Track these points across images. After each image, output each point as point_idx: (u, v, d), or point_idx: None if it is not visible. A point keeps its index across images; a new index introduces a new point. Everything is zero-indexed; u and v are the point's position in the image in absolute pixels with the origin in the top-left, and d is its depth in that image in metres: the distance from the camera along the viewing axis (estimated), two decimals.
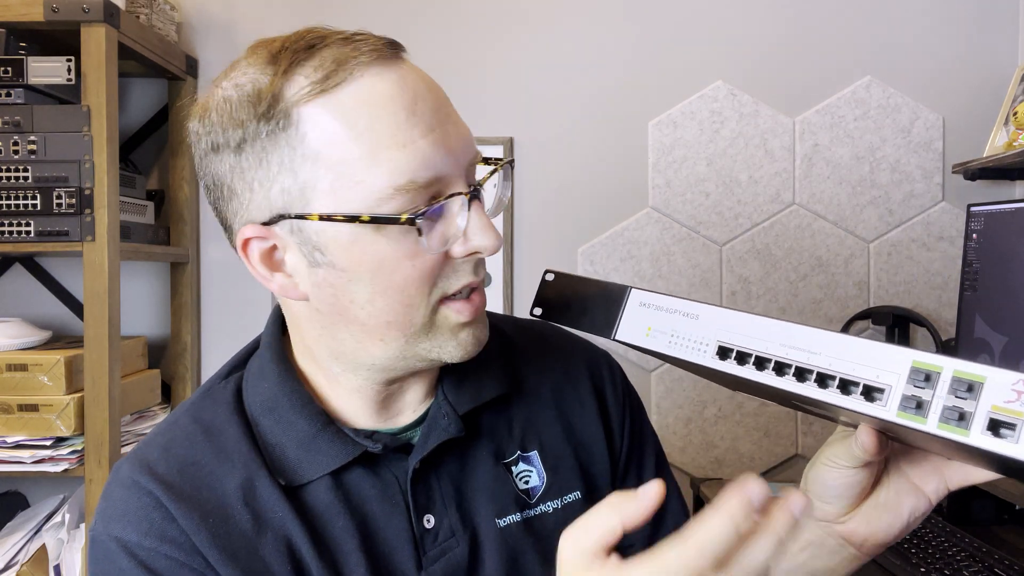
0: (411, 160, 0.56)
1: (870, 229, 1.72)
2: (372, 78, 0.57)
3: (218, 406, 0.66)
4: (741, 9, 1.73)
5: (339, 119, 0.56)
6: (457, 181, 0.59)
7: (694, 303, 0.55)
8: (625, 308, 0.58)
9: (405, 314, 0.60)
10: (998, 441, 0.40)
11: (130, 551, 0.58)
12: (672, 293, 0.57)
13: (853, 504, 0.57)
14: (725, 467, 1.73)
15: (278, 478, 0.62)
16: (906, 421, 0.44)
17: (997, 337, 1.34)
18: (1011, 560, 1.05)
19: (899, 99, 1.71)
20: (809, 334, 0.50)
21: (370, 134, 0.56)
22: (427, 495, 0.66)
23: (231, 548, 0.59)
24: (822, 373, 0.48)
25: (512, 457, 0.71)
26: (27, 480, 1.66)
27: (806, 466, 0.60)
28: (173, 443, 0.64)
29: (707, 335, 0.54)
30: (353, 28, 0.65)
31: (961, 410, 0.42)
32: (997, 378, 0.41)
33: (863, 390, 0.46)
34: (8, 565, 1.37)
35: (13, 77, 1.37)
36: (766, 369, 0.51)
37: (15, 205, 1.36)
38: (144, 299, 1.75)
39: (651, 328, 0.56)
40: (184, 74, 1.68)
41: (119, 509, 0.60)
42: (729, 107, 1.72)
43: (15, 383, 1.35)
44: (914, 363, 0.44)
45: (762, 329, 0.52)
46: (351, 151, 0.56)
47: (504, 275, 1.72)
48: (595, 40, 1.73)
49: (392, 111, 0.56)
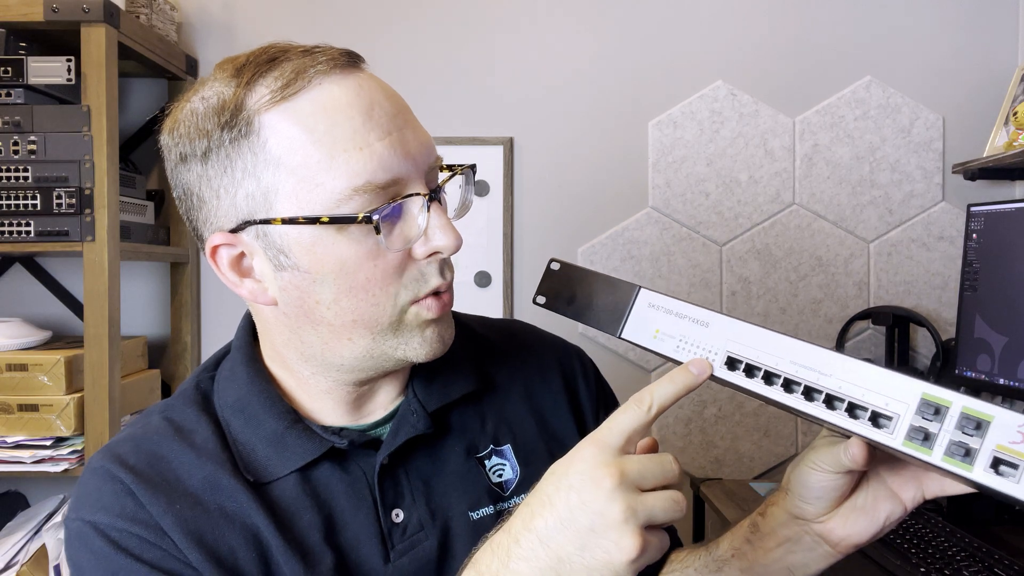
0: (368, 162, 0.58)
1: (870, 229, 1.72)
2: (330, 85, 0.59)
3: (188, 407, 0.68)
4: (741, 9, 1.73)
5: (298, 124, 0.58)
6: (416, 183, 0.61)
7: (705, 310, 0.55)
8: (633, 307, 0.58)
9: (370, 313, 0.62)
10: (1000, 479, 0.42)
11: (103, 532, 0.60)
12: (681, 298, 0.57)
13: (832, 506, 0.59)
14: (725, 467, 1.73)
15: (246, 475, 0.64)
16: (911, 451, 0.45)
17: (997, 337, 1.34)
18: (1011, 560, 1.05)
19: (899, 99, 1.71)
20: (820, 354, 0.50)
21: (328, 138, 0.58)
22: (395, 490, 0.67)
23: (197, 532, 0.61)
24: (831, 395, 0.49)
25: (485, 451, 0.72)
26: (27, 480, 1.66)
27: (790, 465, 0.62)
28: (144, 439, 0.66)
29: (717, 344, 0.53)
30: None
31: (967, 446, 0.43)
32: (1004, 419, 0.43)
33: (871, 415, 0.47)
34: (8, 565, 1.37)
35: (13, 77, 1.37)
36: (774, 384, 0.51)
37: (15, 205, 1.36)
38: (144, 299, 1.75)
39: (659, 331, 0.56)
40: (184, 74, 1.68)
41: (92, 496, 0.62)
42: (729, 107, 1.72)
43: (15, 383, 1.35)
44: (924, 395, 0.45)
45: (773, 344, 0.52)
46: (310, 155, 0.58)
47: (504, 275, 1.72)
48: (595, 40, 1.73)
49: (349, 116, 0.58)
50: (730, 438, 1.72)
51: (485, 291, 1.72)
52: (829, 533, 0.60)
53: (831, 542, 0.60)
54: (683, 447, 1.73)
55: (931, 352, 1.69)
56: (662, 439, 1.73)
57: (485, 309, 1.71)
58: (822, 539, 0.61)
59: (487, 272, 1.73)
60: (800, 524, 0.61)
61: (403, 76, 1.72)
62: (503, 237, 1.72)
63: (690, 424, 1.73)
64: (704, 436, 1.73)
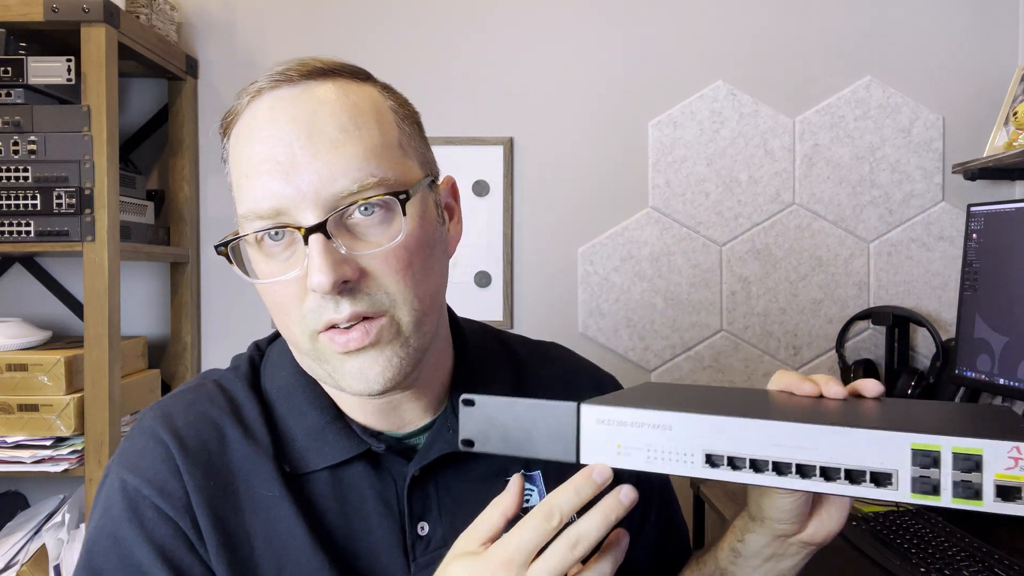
0: (252, 189, 0.60)
1: (870, 229, 1.72)
2: (253, 108, 0.61)
3: (239, 380, 0.70)
4: (741, 9, 1.73)
5: (232, 148, 0.63)
6: (302, 211, 0.58)
7: (660, 412, 0.51)
8: (580, 429, 0.53)
9: (290, 333, 0.63)
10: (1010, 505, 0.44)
11: (127, 494, 0.63)
12: (629, 404, 0.52)
13: (807, 517, 0.61)
14: None
15: (284, 464, 0.65)
16: (922, 501, 0.46)
17: (997, 337, 1.34)
18: (1011, 560, 1.05)
19: (899, 99, 1.71)
20: (799, 430, 0.49)
21: (237, 159, 0.62)
22: (423, 503, 0.67)
23: (221, 514, 0.62)
24: (824, 467, 0.48)
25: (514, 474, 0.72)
26: (27, 480, 1.66)
27: (752, 494, 0.62)
28: (198, 401, 0.68)
29: (688, 446, 0.50)
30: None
31: (973, 486, 0.45)
32: (994, 450, 0.45)
33: (870, 478, 0.47)
34: (8, 565, 1.37)
35: (13, 77, 1.37)
36: (764, 472, 0.49)
37: (15, 205, 1.36)
38: (144, 299, 1.75)
39: (620, 446, 0.52)
40: (184, 74, 1.68)
41: (133, 452, 0.65)
42: (729, 107, 1.72)
43: (15, 383, 1.35)
44: (913, 446, 0.46)
45: (745, 430, 0.50)
46: (232, 179, 0.63)
47: (504, 275, 1.72)
48: (595, 40, 1.73)
49: (251, 143, 0.60)
50: None
51: (485, 291, 1.72)
52: (812, 537, 0.61)
53: (815, 542, 0.62)
54: None
55: (931, 352, 1.69)
56: None
57: (485, 309, 1.72)
58: (806, 544, 0.62)
59: (487, 272, 1.73)
60: (783, 540, 0.63)
61: (403, 76, 1.72)
62: (503, 237, 1.72)
63: None
64: None
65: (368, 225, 0.59)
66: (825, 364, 1.73)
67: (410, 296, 0.61)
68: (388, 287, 0.60)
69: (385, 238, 0.60)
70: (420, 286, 0.61)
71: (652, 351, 1.73)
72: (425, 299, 0.62)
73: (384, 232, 0.60)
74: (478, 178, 1.73)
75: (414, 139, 0.66)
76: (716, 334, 1.73)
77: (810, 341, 1.73)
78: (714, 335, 1.73)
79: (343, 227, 0.59)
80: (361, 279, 0.59)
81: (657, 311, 1.73)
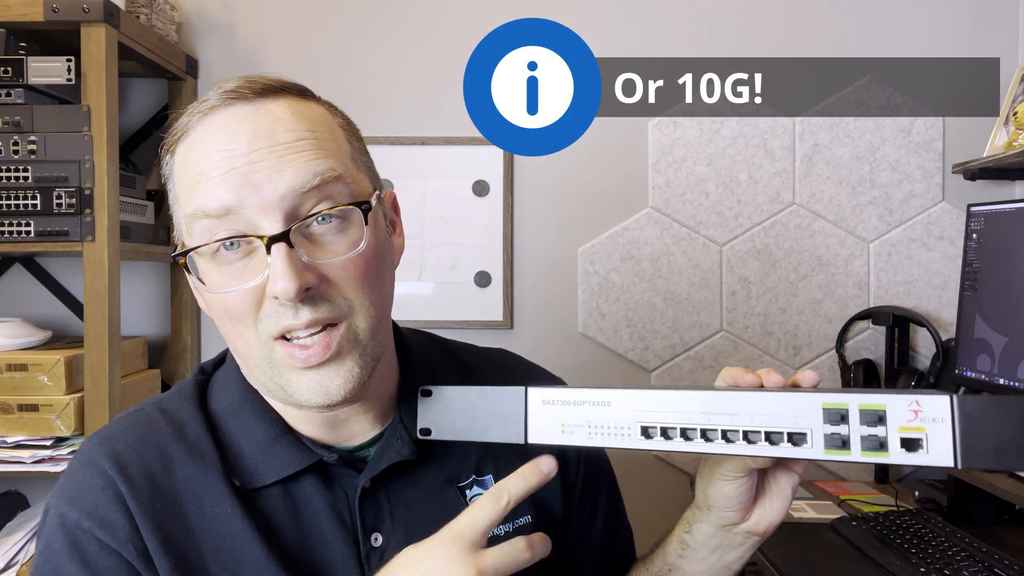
0: (202, 191, 0.60)
1: (870, 229, 1.72)
2: (208, 122, 0.62)
3: (184, 402, 0.69)
4: (741, 9, 1.73)
5: (180, 163, 0.63)
6: (262, 220, 0.59)
7: (599, 390, 0.56)
8: (528, 411, 0.58)
9: (242, 344, 0.62)
10: (914, 455, 0.48)
11: (67, 528, 0.61)
12: (569, 385, 0.57)
13: (750, 505, 0.64)
14: None
15: (233, 479, 0.64)
16: (834, 456, 0.50)
17: (997, 337, 1.34)
18: (1011, 560, 1.05)
19: (899, 99, 1.71)
20: (723, 397, 0.53)
21: (184, 174, 0.62)
22: (376, 513, 0.67)
23: (171, 537, 0.61)
24: (746, 431, 0.53)
25: (467, 481, 0.72)
26: (27, 480, 1.66)
27: (698, 483, 0.66)
28: (137, 424, 0.67)
29: (625, 419, 0.55)
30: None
31: (879, 438, 0.49)
32: (896, 403, 0.49)
33: (788, 438, 0.52)
34: (8, 565, 1.37)
35: (13, 77, 1.37)
36: (693, 439, 0.54)
37: (15, 205, 1.36)
38: (144, 299, 1.75)
39: (564, 424, 0.57)
40: (184, 74, 1.68)
41: (72, 485, 0.64)
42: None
43: (15, 383, 1.35)
44: (823, 405, 0.51)
45: (677, 402, 0.54)
46: (179, 190, 0.63)
47: (504, 275, 1.72)
48: (595, 40, 1.73)
49: (204, 154, 0.60)
50: None
51: (485, 291, 1.72)
52: (755, 527, 0.64)
53: (758, 532, 0.65)
54: None
55: (931, 352, 1.69)
56: None
57: (485, 309, 1.71)
58: (750, 534, 0.65)
59: (487, 272, 1.73)
60: (728, 530, 0.65)
61: (403, 75, 1.72)
62: (503, 237, 1.72)
63: None
64: None
65: (326, 233, 0.60)
66: (825, 364, 1.73)
67: (367, 303, 0.62)
68: (347, 293, 0.61)
69: (343, 246, 0.61)
70: (375, 294, 0.63)
71: (652, 351, 1.73)
72: (379, 307, 0.63)
73: (342, 240, 0.61)
74: (478, 178, 1.73)
75: (363, 154, 0.68)
76: (716, 334, 1.73)
77: (810, 341, 1.73)
78: (714, 335, 1.73)
79: (301, 235, 0.60)
80: (321, 285, 0.59)
81: (657, 311, 1.73)
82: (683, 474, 1.72)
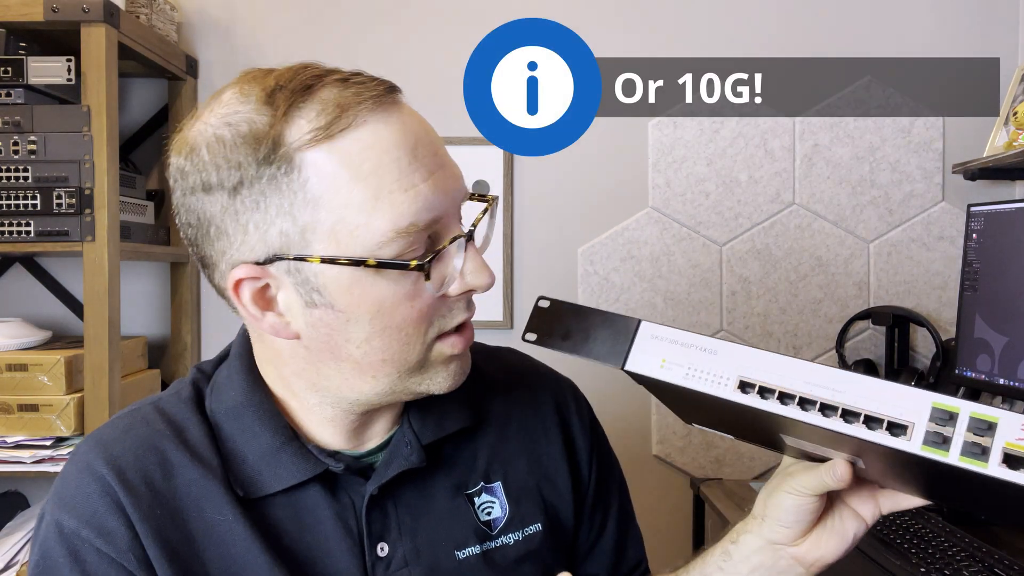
0: (413, 203, 0.57)
1: (870, 229, 1.72)
2: (375, 124, 0.57)
3: (182, 403, 0.66)
4: (741, 9, 1.73)
5: (343, 165, 0.56)
6: (453, 222, 0.61)
7: (709, 338, 0.57)
8: (635, 340, 0.58)
9: (401, 352, 0.61)
10: (1014, 472, 0.46)
11: (65, 537, 0.59)
12: (682, 328, 0.58)
13: (807, 529, 0.62)
14: (725, 467, 1.73)
15: (236, 488, 0.62)
16: (930, 454, 0.49)
17: (997, 337, 1.34)
18: (1011, 560, 1.05)
19: (899, 99, 1.71)
20: (829, 372, 0.53)
21: (374, 179, 0.56)
22: (382, 522, 0.65)
23: (172, 544, 0.59)
24: (847, 409, 0.52)
25: (475, 488, 0.71)
26: (27, 480, 1.66)
27: (761, 493, 0.65)
28: (135, 426, 0.64)
29: (727, 370, 0.55)
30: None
31: (982, 446, 0.47)
32: (1009, 419, 0.47)
33: (887, 426, 0.50)
34: (8, 565, 1.37)
35: (13, 77, 1.37)
36: (790, 404, 0.53)
37: (15, 205, 1.36)
38: (144, 299, 1.75)
39: (666, 360, 0.57)
40: (184, 74, 1.68)
41: (68, 491, 0.61)
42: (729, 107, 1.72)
43: (15, 383, 1.35)
44: (934, 404, 0.50)
45: (782, 366, 0.54)
46: (354, 196, 0.56)
47: (504, 275, 1.72)
48: (595, 40, 1.73)
49: (396, 156, 0.57)
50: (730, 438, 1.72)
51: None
52: (804, 556, 0.63)
53: (805, 563, 0.63)
54: (683, 447, 1.73)
55: (931, 352, 1.69)
56: (663, 439, 1.73)
57: (485, 309, 1.71)
58: (796, 562, 0.63)
59: None
60: (776, 549, 0.64)
61: (403, 75, 1.71)
62: (503, 237, 1.72)
63: (691, 424, 1.73)
64: (704, 436, 1.73)
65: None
66: (825, 364, 1.73)
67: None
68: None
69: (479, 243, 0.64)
70: None
71: None
72: None
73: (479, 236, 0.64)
74: (478, 178, 1.73)
75: None
76: (716, 334, 1.73)
77: (810, 341, 1.73)
78: (714, 335, 1.73)
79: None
80: None
81: (657, 311, 1.73)
82: (684, 475, 1.72)
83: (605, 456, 0.82)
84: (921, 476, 0.54)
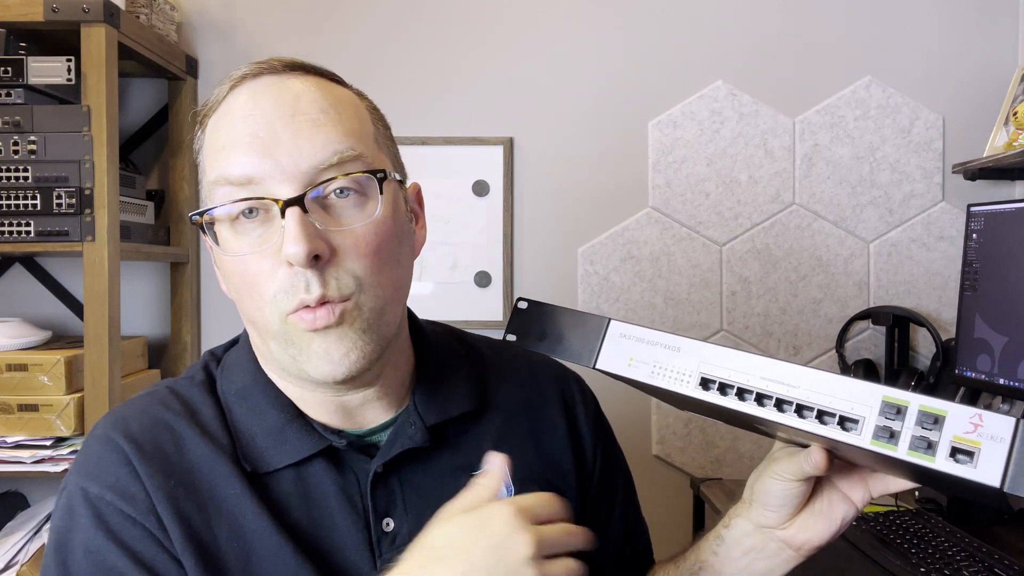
0: (227, 158, 0.61)
1: (870, 229, 1.72)
2: (236, 94, 0.63)
3: (194, 386, 0.70)
4: (741, 9, 1.73)
5: (210, 131, 0.65)
6: (280, 188, 0.60)
7: (674, 336, 0.58)
8: (605, 338, 0.61)
9: (260, 317, 0.62)
10: (958, 466, 0.47)
11: (90, 501, 0.62)
12: (649, 326, 0.60)
13: (794, 512, 0.64)
14: (725, 467, 1.73)
15: (244, 463, 0.65)
16: (879, 448, 0.50)
17: (997, 337, 1.34)
18: (1011, 560, 1.05)
19: (899, 99, 1.71)
20: (786, 368, 0.54)
21: (212, 140, 0.64)
22: (387, 499, 0.67)
23: (184, 513, 0.62)
24: (801, 404, 0.53)
25: (480, 470, 0.71)
26: (27, 480, 1.66)
27: (750, 478, 0.66)
28: (151, 405, 0.68)
29: (689, 367, 0.57)
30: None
31: (929, 440, 0.48)
32: (957, 413, 0.48)
33: (838, 420, 0.52)
34: (8, 565, 1.37)
35: (13, 77, 1.37)
36: (747, 400, 0.55)
37: (15, 205, 1.36)
38: (144, 299, 1.75)
39: (632, 358, 0.59)
40: (184, 74, 1.68)
41: (91, 461, 0.64)
42: (729, 107, 1.72)
43: (15, 383, 1.35)
44: (884, 397, 0.51)
45: (741, 362, 0.56)
46: (205, 157, 0.65)
47: (504, 275, 1.72)
48: (595, 40, 1.73)
49: (231, 121, 0.62)
50: (730, 438, 1.72)
51: (485, 291, 1.72)
52: (792, 538, 0.64)
53: (794, 546, 0.65)
54: (683, 447, 1.73)
55: (931, 352, 1.69)
56: (663, 439, 1.73)
57: (485, 309, 1.72)
58: (786, 544, 0.65)
59: (487, 272, 1.73)
60: (764, 532, 0.65)
61: (403, 75, 1.72)
62: (503, 237, 1.72)
63: (690, 424, 1.73)
64: (704, 436, 1.73)
65: (343, 207, 0.62)
66: (825, 364, 1.73)
67: (374, 282, 0.62)
68: (355, 270, 0.61)
69: (359, 219, 0.62)
70: (385, 274, 0.63)
71: None
72: (388, 288, 0.63)
73: (358, 214, 0.62)
74: (478, 178, 1.73)
75: (387, 140, 0.69)
76: (716, 334, 1.73)
77: (810, 341, 1.73)
78: (714, 335, 1.73)
79: (318, 205, 0.61)
80: (332, 258, 0.60)
81: (657, 311, 1.73)
82: (684, 475, 1.72)
83: (610, 448, 0.83)
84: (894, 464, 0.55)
